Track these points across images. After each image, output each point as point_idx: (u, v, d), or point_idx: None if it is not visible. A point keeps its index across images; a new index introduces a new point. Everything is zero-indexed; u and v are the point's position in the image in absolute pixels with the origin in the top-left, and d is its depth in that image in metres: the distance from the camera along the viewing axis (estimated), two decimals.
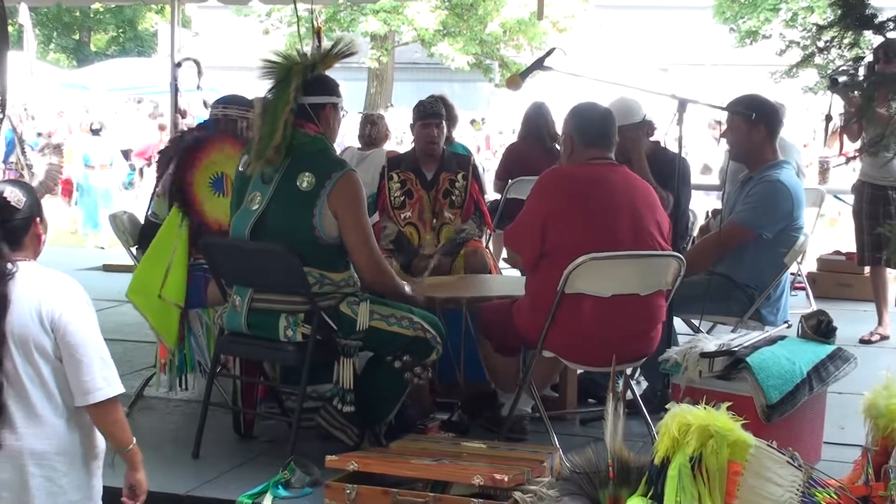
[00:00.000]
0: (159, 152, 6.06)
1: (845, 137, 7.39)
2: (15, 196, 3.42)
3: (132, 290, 5.58)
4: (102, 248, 13.73)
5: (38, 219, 3.50)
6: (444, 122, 6.45)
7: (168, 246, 5.50)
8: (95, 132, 15.28)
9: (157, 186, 5.79)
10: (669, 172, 5.42)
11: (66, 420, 3.40)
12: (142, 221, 5.91)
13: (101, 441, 3.52)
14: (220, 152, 5.64)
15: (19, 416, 3.32)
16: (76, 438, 3.43)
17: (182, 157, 5.62)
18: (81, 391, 3.36)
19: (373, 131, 8.63)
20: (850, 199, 8.39)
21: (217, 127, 5.81)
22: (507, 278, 6.48)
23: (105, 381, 3.37)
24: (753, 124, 5.56)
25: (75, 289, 3.42)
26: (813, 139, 18.06)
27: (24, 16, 13.21)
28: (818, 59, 5.18)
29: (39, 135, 14.93)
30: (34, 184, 13.58)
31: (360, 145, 8.69)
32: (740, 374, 4.57)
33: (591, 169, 4.94)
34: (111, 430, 3.47)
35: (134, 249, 5.97)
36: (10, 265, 3.33)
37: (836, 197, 10.65)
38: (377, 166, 6.73)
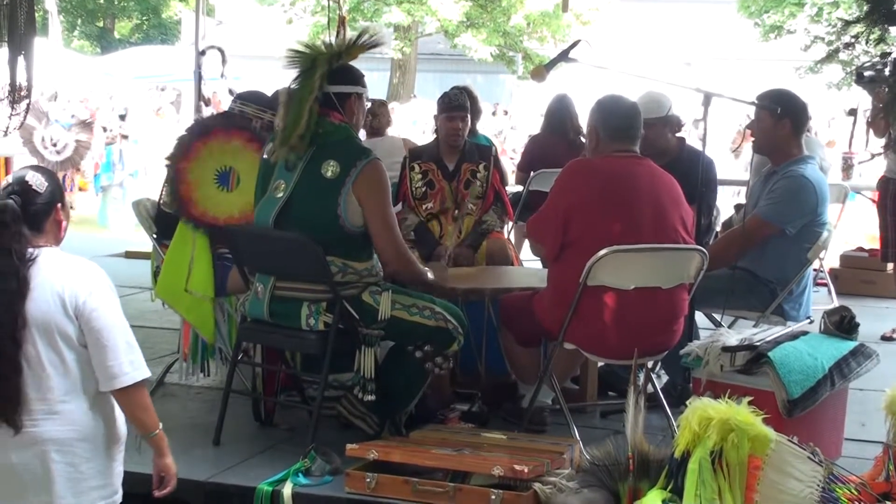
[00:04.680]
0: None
1: (871, 133, 7.37)
2: (37, 180, 3.43)
3: (161, 288, 5.60)
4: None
5: (59, 204, 3.50)
6: (468, 115, 6.44)
7: (188, 239, 5.51)
8: (122, 118, 15.39)
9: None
10: (696, 171, 5.37)
11: (88, 406, 3.41)
12: None
13: (122, 426, 3.53)
14: (225, 145, 5.57)
15: (41, 402, 3.33)
16: (98, 424, 3.44)
17: (179, 146, 5.60)
18: (107, 376, 3.37)
19: (374, 122, 8.62)
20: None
21: (231, 121, 5.80)
22: (529, 270, 6.47)
23: (131, 365, 3.39)
24: (779, 118, 5.53)
25: (98, 274, 3.43)
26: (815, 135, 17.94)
27: (49, 2, 13.28)
28: (843, 55, 5.16)
29: (73, 116, 15.14)
30: (61, 159, 13.69)
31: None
32: (762, 369, 4.56)
33: (616, 162, 4.94)
34: (138, 414, 3.47)
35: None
36: (31, 249, 3.35)
37: (858, 193, 10.62)
38: (382, 155, 6.73)
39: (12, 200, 3.36)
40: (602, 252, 4.65)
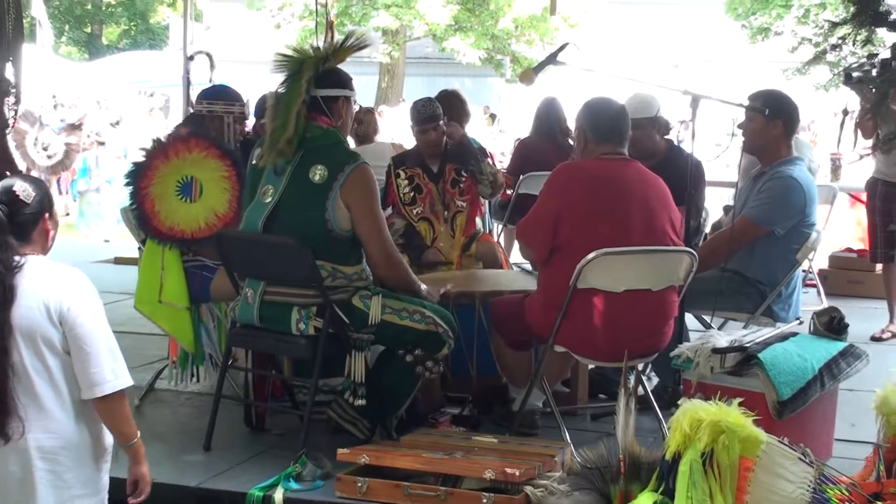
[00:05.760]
0: None
1: (859, 133, 7.38)
2: (24, 190, 3.42)
3: (138, 300, 5.60)
4: (107, 240, 13.78)
5: (47, 214, 3.49)
6: (441, 122, 6.37)
7: (157, 251, 5.51)
8: (113, 125, 15.36)
9: None
10: (684, 174, 5.38)
11: (73, 415, 3.40)
12: None
13: (108, 436, 3.52)
14: (185, 156, 5.52)
15: (26, 410, 3.30)
16: (83, 433, 3.43)
17: (138, 165, 5.56)
18: (89, 383, 3.36)
19: (359, 130, 8.61)
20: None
21: (199, 124, 5.76)
22: (519, 273, 6.47)
23: (113, 373, 3.38)
24: (771, 119, 5.53)
25: (83, 281, 3.42)
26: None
27: (37, 9, 13.24)
28: (830, 57, 5.16)
29: (63, 120, 15.19)
30: (52, 163, 13.68)
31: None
32: (752, 371, 4.56)
33: (604, 164, 4.94)
34: (117, 424, 3.47)
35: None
36: (17, 258, 3.33)
37: (848, 194, 10.64)
38: (371, 160, 6.73)
39: None
40: (591, 255, 4.65)
